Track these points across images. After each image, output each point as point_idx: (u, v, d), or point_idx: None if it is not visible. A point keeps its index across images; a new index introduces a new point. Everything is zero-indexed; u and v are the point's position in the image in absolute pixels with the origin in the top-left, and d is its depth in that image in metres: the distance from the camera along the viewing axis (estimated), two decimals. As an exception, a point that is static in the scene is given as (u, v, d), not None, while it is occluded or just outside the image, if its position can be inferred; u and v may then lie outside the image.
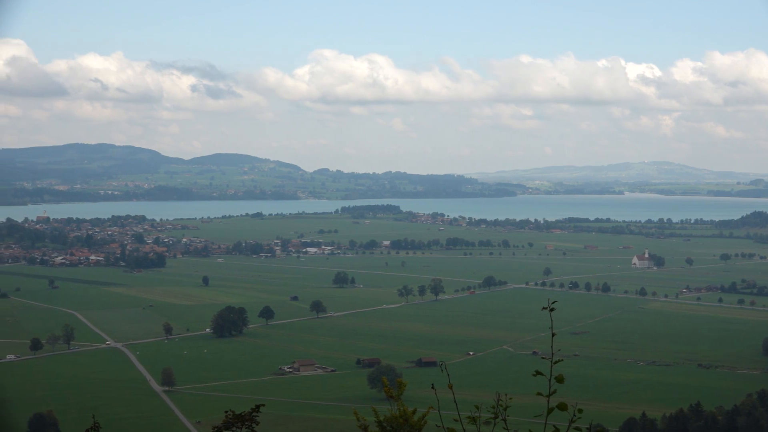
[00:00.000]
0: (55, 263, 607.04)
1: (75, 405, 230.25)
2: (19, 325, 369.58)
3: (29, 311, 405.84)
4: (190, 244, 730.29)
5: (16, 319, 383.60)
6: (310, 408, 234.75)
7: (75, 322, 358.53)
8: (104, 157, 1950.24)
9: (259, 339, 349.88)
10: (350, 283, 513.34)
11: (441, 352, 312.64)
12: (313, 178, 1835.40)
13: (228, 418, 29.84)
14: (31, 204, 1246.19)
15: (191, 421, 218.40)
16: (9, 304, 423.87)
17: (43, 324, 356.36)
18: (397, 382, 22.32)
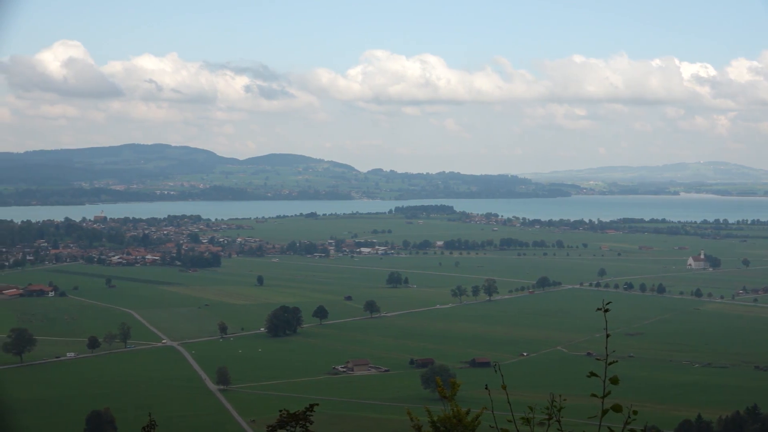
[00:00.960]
0: (112, 262, 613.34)
1: (131, 403, 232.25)
2: (76, 323, 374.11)
3: (87, 310, 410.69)
4: (244, 244, 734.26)
5: (74, 318, 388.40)
6: (363, 408, 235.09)
7: (131, 321, 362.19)
8: (160, 157, 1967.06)
9: (313, 338, 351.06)
10: (404, 283, 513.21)
11: (494, 352, 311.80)
12: (367, 179, 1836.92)
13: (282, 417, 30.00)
14: (88, 204, 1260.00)
15: (245, 420, 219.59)
16: (67, 303, 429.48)
17: (100, 323, 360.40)
18: (451, 383, 22.34)
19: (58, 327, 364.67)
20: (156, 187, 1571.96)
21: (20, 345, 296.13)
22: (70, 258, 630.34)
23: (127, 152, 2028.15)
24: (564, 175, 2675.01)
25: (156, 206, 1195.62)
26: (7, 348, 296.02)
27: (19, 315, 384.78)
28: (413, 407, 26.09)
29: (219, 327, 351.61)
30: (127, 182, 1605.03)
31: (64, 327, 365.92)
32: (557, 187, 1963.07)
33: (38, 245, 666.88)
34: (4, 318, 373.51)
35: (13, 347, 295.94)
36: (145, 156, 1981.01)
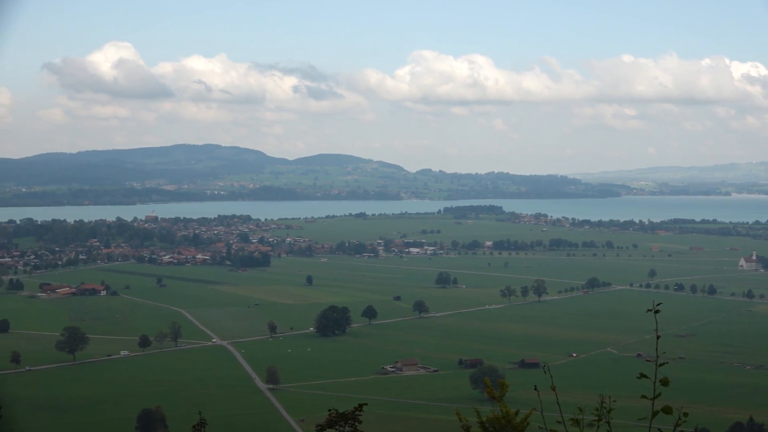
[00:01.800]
0: (162, 262, 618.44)
1: (182, 402, 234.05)
2: (128, 322, 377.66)
3: (138, 309, 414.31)
4: (294, 244, 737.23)
5: (125, 317, 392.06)
6: (412, 408, 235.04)
7: (182, 320, 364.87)
8: (210, 157, 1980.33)
9: (362, 338, 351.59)
10: (452, 283, 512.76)
11: (544, 353, 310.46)
12: (416, 179, 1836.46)
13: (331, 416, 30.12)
14: (139, 204, 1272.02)
15: (295, 419, 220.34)
16: (119, 302, 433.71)
17: (151, 322, 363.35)
18: (500, 383, 22.31)
19: (109, 326, 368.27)
20: (206, 187, 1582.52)
21: (73, 343, 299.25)
22: (122, 257, 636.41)
23: (178, 152, 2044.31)
24: (614, 176, 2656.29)
25: (206, 206, 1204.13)
26: (60, 346, 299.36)
27: (71, 314, 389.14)
28: (462, 408, 26.07)
29: (268, 326, 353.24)
30: (178, 182, 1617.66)
31: (115, 326, 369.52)
32: (607, 187, 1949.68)
33: (91, 245, 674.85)
34: (57, 317, 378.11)
35: (66, 346, 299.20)
36: (195, 156, 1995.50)
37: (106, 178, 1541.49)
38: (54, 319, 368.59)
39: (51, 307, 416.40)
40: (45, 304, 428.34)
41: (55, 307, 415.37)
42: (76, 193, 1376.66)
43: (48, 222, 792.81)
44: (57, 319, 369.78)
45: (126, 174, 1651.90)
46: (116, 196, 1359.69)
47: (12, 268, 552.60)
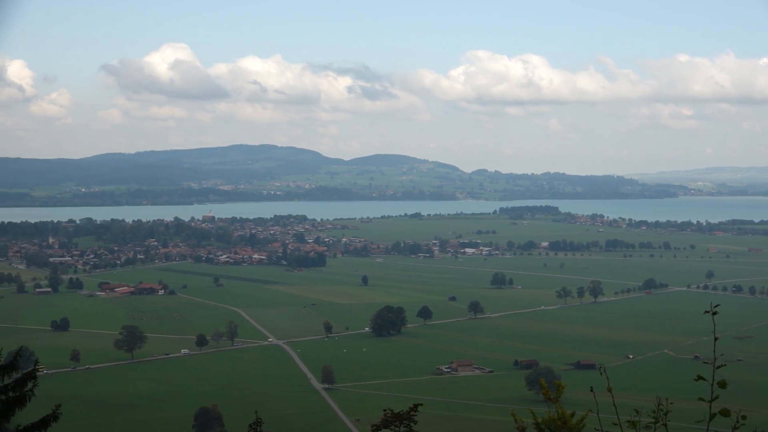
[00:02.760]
0: (219, 261, 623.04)
1: (238, 400, 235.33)
2: (185, 321, 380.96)
3: (195, 308, 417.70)
4: (349, 244, 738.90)
5: (182, 316, 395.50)
6: (467, 408, 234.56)
7: (238, 319, 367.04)
8: (267, 157, 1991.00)
9: (417, 339, 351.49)
10: (508, 283, 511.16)
11: (599, 354, 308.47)
12: (471, 179, 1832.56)
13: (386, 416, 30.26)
14: (197, 204, 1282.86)
15: (350, 419, 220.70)
16: (176, 301, 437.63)
17: (208, 321, 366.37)
18: (556, 384, 22.31)
19: (167, 325, 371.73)
20: (263, 187, 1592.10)
21: (131, 342, 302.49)
22: (179, 257, 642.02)
23: (235, 153, 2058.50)
24: (671, 176, 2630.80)
25: (262, 206, 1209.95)
26: (118, 345, 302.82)
27: (130, 313, 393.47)
28: (517, 409, 26.11)
29: (324, 326, 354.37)
30: (235, 182, 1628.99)
31: (173, 325, 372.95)
32: (664, 188, 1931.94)
33: (149, 244, 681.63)
34: (116, 315, 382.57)
35: (124, 344, 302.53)
36: (252, 156, 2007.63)
37: (163, 178, 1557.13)
38: (112, 318, 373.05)
39: (110, 306, 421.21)
40: (104, 303, 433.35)
41: (113, 306, 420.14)
42: (134, 193, 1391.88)
43: (107, 222, 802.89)
44: (115, 317, 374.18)
45: (183, 174, 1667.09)
46: (174, 196, 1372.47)
47: (72, 267, 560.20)
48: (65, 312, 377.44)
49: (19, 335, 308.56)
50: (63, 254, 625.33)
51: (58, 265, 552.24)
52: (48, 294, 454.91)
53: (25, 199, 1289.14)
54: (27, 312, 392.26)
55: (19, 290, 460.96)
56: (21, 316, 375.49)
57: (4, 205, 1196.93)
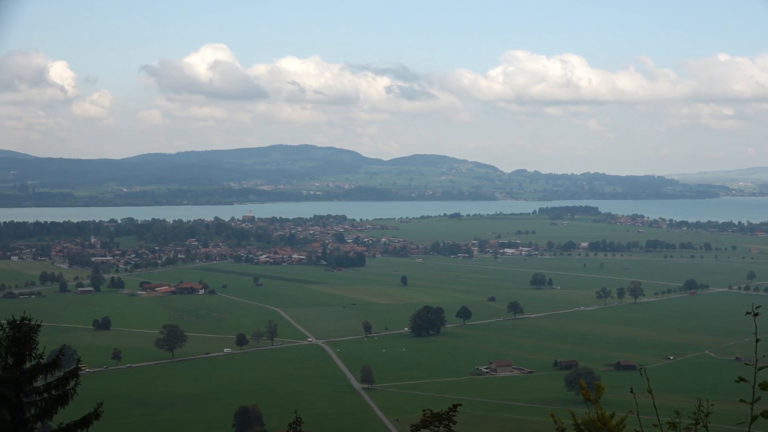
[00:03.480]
0: (259, 261, 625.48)
1: (278, 399, 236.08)
2: (225, 320, 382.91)
3: (235, 308, 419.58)
4: (389, 244, 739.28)
5: (222, 315, 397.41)
6: (506, 409, 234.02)
7: (278, 319, 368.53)
8: (306, 158, 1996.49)
9: (457, 339, 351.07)
10: (547, 284, 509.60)
11: (640, 355, 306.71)
12: (511, 179, 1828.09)
13: (426, 416, 30.34)
14: (237, 204, 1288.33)
15: (389, 418, 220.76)
16: (217, 300, 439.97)
17: (248, 320, 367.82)
18: (595, 385, 22.28)
19: (207, 324, 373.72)
20: (302, 187, 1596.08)
21: (172, 341, 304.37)
22: (220, 256, 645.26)
23: (275, 153, 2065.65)
24: (712, 176, 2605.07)
25: (302, 206, 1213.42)
26: (159, 344, 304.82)
27: (170, 312, 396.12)
28: (557, 409, 26.07)
29: (363, 326, 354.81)
30: (275, 182, 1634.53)
31: (213, 324, 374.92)
32: (705, 188, 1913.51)
33: (189, 244, 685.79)
34: (156, 315, 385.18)
35: (165, 343, 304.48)
36: (291, 157, 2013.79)
37: (204, 178, 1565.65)
38: (153, 317, 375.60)
39: (150, 305, 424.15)
40: (145, 302, 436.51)
41: (154, 305, 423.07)
42: (175, 193, 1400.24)
43: (148, 222, 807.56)
44: (156, 317, 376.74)
45: (224, 174, 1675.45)
46: (214, 196, 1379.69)
47: (113, 266, 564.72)
48: (107, 311, 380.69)
49: (62, 334, 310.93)
50: (105, 254, 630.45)
51: (100, 264, 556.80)
52: (90, 293, 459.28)
53: (68, 199, 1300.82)
54: (69, 311, 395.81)
55: (62, 289, 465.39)
56: (63, 315, 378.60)
57: (48, 204, 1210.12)
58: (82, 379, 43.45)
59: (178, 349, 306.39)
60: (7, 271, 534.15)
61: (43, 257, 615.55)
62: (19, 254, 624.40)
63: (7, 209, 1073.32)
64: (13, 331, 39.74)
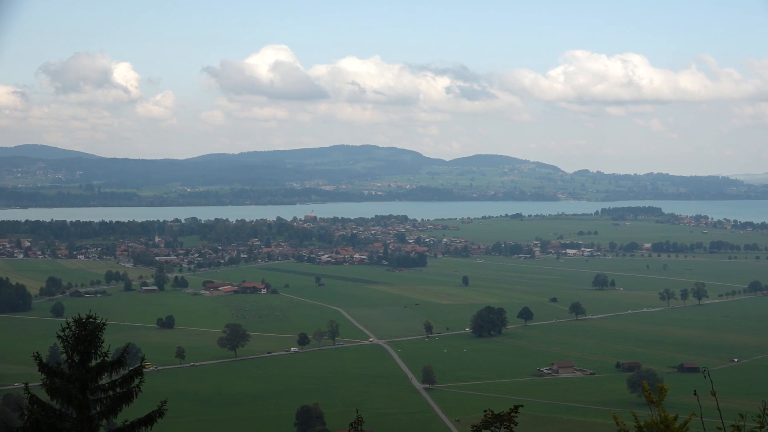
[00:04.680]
0: (321, 261, 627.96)
1: (339, 399, 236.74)
2: (287, 320, 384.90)
3: (297, 307, 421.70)
4: (450, 244, 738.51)
5: (285, 315, 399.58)
6: (568, 410, 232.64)
7: (340, 319, 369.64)
8: (368, 158, 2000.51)
9: (518, 339, 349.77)
10: (610, 285, 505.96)
11: (703, 357, 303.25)
12: (573, 179, 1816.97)
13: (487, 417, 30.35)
14: (299, 204, 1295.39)
15: (450, 419, 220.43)
16: (279, 300, 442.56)
17: (309, 320, 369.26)
18: (658, 387, 22.16)
19: (269, 323, 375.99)
20: (364, 188, 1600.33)
21: (234, 340, 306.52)
22: (282, 256, 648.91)
23: (336, 153, 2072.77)
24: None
25: (364, 206, 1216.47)
26: (222, 342, 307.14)
27: (233, 311, 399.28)
28: (619, 411, 25.96)
29: (425, 326, 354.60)
30: (336, 182, 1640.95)
31: (275, 323, 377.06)
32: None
33: (252, 244, 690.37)
34: (219, 314, 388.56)
35: (228, 342, 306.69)
36: (353, 157, 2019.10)
37: (266, 178, 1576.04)
38: (216, 316, 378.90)
39: (213, 304, 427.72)
40: (208, 301, 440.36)
41: (217, 304, 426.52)
42: (238, 193, 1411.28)
43: (211, 221, 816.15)
44: (219, 316, 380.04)
45: (286, 174, 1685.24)
46: (276, 196, 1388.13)
47: (177, 265, 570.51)
48: (171, 310, 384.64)
49: (127, 332, 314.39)
50: (168, 253, 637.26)
51: (164, 263, 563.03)
52: (154, 292, 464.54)
53: (133, 198, 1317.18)
54: (134, 310, 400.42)
55: (127, 288, 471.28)
56: (128, 314, 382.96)
57: (113, 204, 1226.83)
58: (146, 378, 44.01)
59: (241, 348, 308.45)
60: (73, 270, 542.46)
61: (109, 256, 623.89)
62: (85, 253, 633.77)
63: (74, 209, 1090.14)
64: (79, 329, 40.38)
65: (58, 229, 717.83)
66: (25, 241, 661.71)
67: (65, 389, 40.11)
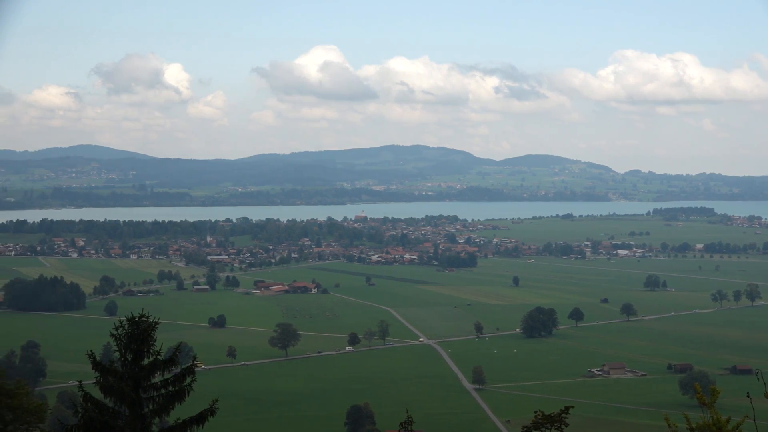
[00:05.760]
0: (371, 261, 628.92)
1: (389, 399, 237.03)
2: (338, 320, 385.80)
3: (347, 307, 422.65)
4: (500, 245, 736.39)
5: (335, 314, 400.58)
6: (619, 412, 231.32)
7: (390, 319, 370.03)
8: (418, 158, 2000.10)
9: (569, 340, 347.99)
10: (662, 286, 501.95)
11: (757, 359, 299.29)
12: (624, 180, 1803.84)
13: (537, 418, 30.33)
14: (349, 204, 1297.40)
15: (500, 419, 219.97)
16: (329, 300, 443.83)
17: (360, 320, 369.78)
18: (710, 389, 22.04)
19: (320, 323, 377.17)
20: (414, 188, 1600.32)
21: (285, 339, 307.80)
22: (332, 256, 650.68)
23: (386, 153, 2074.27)
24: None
25: (414, 206, 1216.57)
26: (273, 342, 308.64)
27: (284, 310, 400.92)
28: (671, 413, 25.84)
29: (475, 326, 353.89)
30: (387, 183, 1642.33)
31: (326, 323, 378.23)
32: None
33: (302, 243, 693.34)
34: (270, 313, 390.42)
35: (278, 341, 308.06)
36: (403, 157, 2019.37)
37: (317, 178, 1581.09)
38: (267, 316, 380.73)
39: (265, 303, 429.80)
40: (259, 300, 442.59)
41: (268, 303, 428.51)
42: (289, 192, 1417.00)
43: (262, 221, 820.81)
44: (270, 315, 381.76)
45: (336, 174, 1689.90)
46: (327, 196, 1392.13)
47: (228, 265, 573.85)
48: (222, 309, 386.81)
49: (179, 331, 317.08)
50: (220, 253, 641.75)
51: (216, 263, 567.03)
52: (206, 291, 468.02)
53: (185, 198, 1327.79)
54: (186, 309, 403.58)
55: (179, 287, 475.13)
56: (180, 313, 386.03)
57: (165, 204, 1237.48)
58: (198, 376, 44.39)
59: (292, 348, 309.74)
60: (126, 269, 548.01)
61: (161, 256, 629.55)
62: (138, 252, 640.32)
63: (127, 209, 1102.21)
64: (132, 328, 40.87)
65: (111, 228, 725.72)
66: (80, 241, 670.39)
67: (118, 387, 40.60)
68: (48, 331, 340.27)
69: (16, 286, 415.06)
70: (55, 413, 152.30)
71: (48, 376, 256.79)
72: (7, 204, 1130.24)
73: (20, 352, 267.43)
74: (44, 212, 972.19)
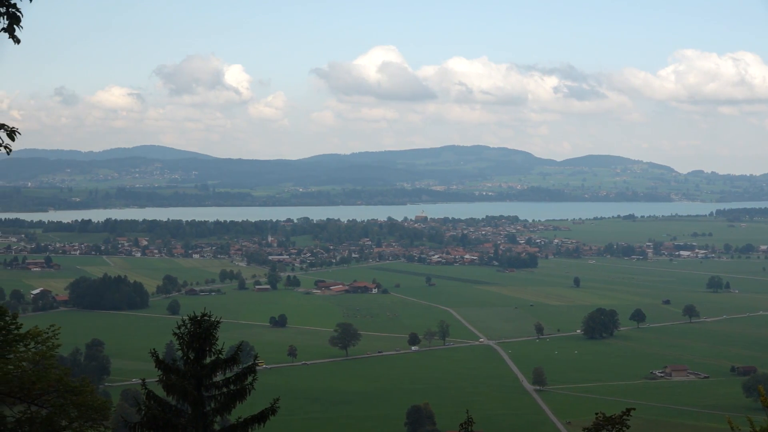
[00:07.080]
0: (431, 261, 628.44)
1: (449, 399, 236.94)
2: (398, 320, 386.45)
3: (407, 307, 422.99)
4: (561, 245, 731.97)
5: (395, 314, 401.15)
6: (680, 414, 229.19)
7: (450, 319, 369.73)
8: (479, 158, 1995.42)
9: (630, 342, 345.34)
10: (725, 287, 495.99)
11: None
12: (687, 180, 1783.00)
13: (598, 420, 30.22)
14: (410, 204, 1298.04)
15: (561, 421, 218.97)
16: (389, 300, 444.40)
17: (420, 320, 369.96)
18: (774, 393, 21.82)
19: (380, 323, 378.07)
20: (474, 188, 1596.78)
21: (345, 339, 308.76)
22: (392, 256, 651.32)
23: (447, 154, 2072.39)
24: None
25: (474, 207, 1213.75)
26: (333, 342, 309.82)
27: (344, 310, 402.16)
28: (734, 416, 25.64)
29: (535, 327, 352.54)
30: (447, 183, 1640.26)
31: (386, 323, 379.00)
32: None
33: (363, 243, 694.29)
34: (331, 313, 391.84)
35: (339, 341, 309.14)
36: (464, 157, 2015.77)
37: (377, 178, 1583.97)
38: (328, 315, 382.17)
39: (325, 303, 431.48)
40: (319, 300, 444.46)
41: (328, 303, 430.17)
42: (349, 193, 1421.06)
43: (323, 221, 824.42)
44: (331, 315, 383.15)
45: (396, 174, 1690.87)
46: (387, 197, 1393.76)
47: (289, 265, 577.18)
48: (283, 309, 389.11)
49: (240, 330, 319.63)
50: (281, 252, 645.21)
51: (277, 263, 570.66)
52: (267, 291, 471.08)
53: (246, 198, 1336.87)
54: (247, 308, 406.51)
55: (240, 287, 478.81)
56: (241, 312, 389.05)
57: (227, 204, 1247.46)
58: (259, 375, 44.73)
59: (352, 347, 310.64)
60: (189, 268, 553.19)
61: (223, 255, 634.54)
62: (200, 252, 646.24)
63: (189, 208, 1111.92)
64: (195, 326, 41.25)
65: (174, 228, 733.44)
66: (143, 240, 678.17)
67: (181, 385, 40.99)
68: (112, 329, 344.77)
69: (81, 285, 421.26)
70: (118, 411, 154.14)
71: (112, 374, 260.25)
72: (72, 204, 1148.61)
73: (85, 350, 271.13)
74: (108, 212, 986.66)
